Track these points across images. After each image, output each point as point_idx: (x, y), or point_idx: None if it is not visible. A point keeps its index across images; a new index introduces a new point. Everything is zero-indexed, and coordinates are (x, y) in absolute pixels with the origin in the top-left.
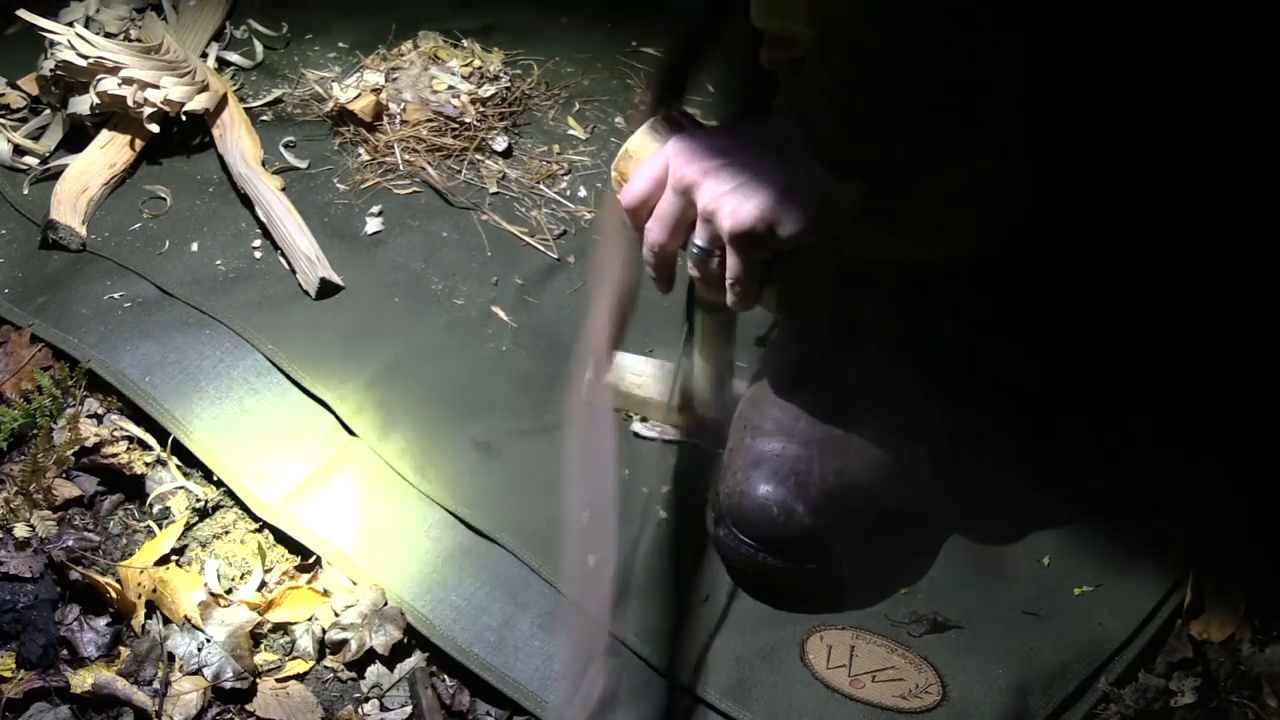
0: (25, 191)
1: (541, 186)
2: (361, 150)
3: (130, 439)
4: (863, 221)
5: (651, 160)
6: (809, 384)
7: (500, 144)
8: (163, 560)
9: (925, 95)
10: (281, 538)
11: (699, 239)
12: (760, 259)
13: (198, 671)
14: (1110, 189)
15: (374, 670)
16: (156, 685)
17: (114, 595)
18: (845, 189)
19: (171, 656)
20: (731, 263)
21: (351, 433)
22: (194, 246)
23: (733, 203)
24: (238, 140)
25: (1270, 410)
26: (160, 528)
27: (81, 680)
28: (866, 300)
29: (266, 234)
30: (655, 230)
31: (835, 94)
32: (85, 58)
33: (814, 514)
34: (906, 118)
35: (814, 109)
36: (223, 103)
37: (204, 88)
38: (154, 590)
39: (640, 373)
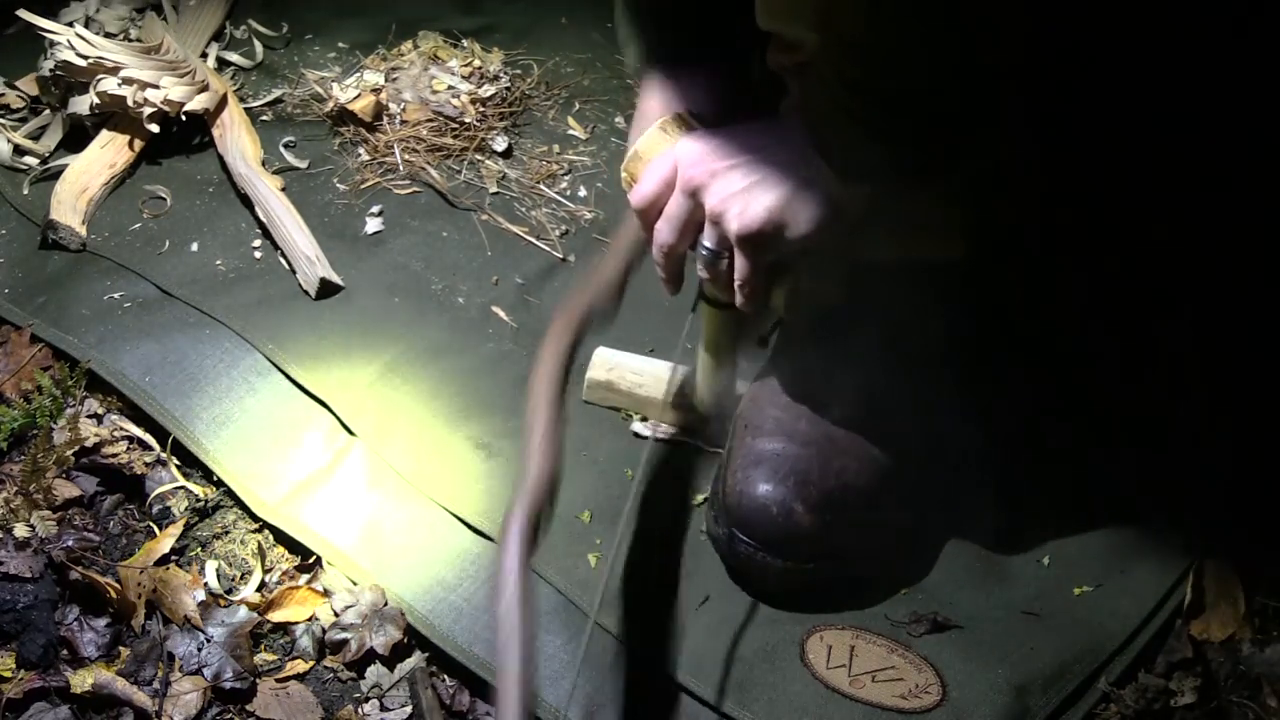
0: (25, 191)
1: (541, 186)
2: (361, 150)
3: (130, 439)
4: (867, 222)
5: (660, 161)
6: (810, 384)
7: (500, 144)
8: (163, 560)
9: (930, 100)
10: (281, 538)
11: (707, 240)
12: (768, 261)
13: (198, 671)
14: (1112, 186)
15: (374, 670)
16: (156, 685)
17: (114, 595)
18: (851, 192)
19: (171, 656)
20: (739, 264)
21: (351, 433)
22: (194, 246)
23: (740, 205)
24: (238, 140)
25: (1270, 409)
26: (160, 528)
27: (81, 680)
28: (869, 300)
29: (266, 234)
30: (664, 231)
31: (841, 99)
32: (85, 58)
33: (813, 514)
34: (912, 123)
35: (820, 113)
36: (223, 103)
37: (204, 88)
38: (154, 590)
39: (640, 372)
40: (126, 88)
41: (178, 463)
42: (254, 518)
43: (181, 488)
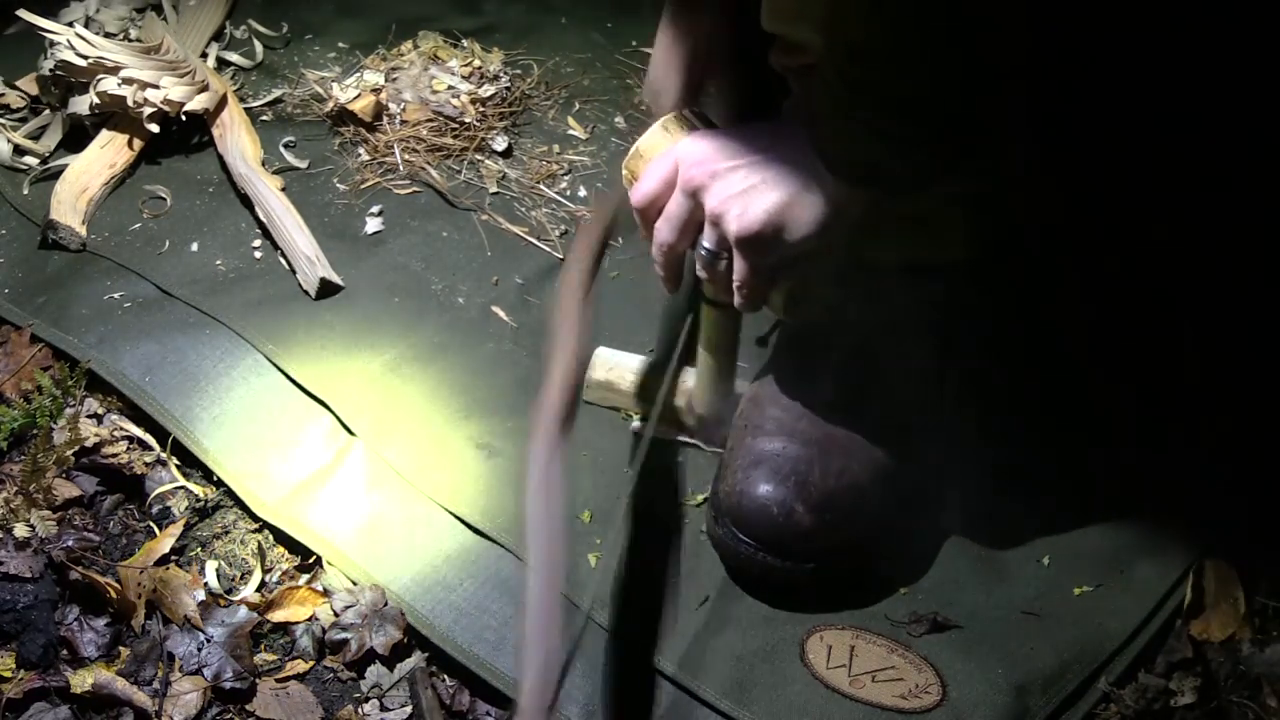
0: (25, 191)
1: (541, 186)
2: (361, 150)
3: (130, 439)
4: (867, 224)
5: (661, 160)
6: (810, 384)
7: (500, 144)
8: (163, 560)
9: (934, 102)
10: (281, 538)
11: (707, 241)
12: (767, 263)
13: (198, 671)
14: (1112, 186)
15: (374, 670)
16: (156, 685)
17: (114, 595)
18: (852, 195)
19: (171, 656)
20: (738, 266)
21: (351, 433)
22: (194, 246)
23: (740, 207)
24: (238, 140)
25: (1271, 409)
26: (160, 528)
27: (81, 680)
28: (869, 301)
29: (266, 234)
30: (663, 230)
31: (844, 101)
32: (85, 58)
33: (813, 514)
34: (915, 125)
35: (823, 116)
36: (223, 103)
37: (204, 88)
38: (154, 590)
39: (640, 373)
40: (126, 88)
41: (178, 463)
42: (254, 518)
43: (181, 488)
